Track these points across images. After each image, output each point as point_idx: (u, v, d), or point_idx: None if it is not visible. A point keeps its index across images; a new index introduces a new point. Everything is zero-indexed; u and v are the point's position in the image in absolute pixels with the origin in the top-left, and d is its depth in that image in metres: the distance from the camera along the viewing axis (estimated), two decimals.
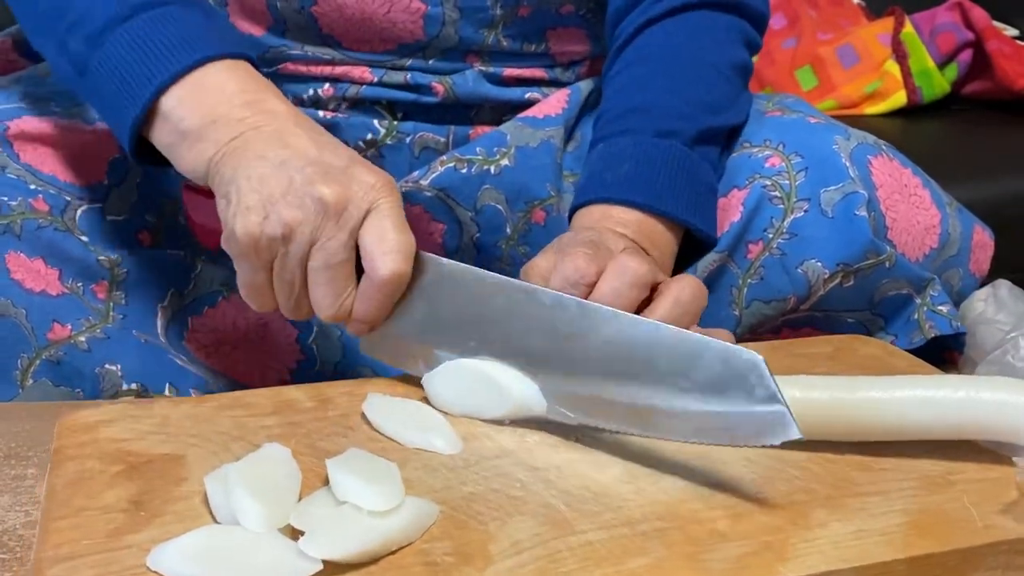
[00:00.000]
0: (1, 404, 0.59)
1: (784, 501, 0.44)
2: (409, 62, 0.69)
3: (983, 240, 0.73)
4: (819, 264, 0.64)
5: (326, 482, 0.42)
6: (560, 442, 0.49)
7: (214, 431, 0.48)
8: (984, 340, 0.68)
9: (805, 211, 0.64)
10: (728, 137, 0.68)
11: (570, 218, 0.64)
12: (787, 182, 0.64)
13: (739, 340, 0.65)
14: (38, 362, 0.60)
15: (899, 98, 1.48)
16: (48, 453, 0.47)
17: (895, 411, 0.48)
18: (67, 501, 0.42)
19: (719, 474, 0.46)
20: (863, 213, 0.63)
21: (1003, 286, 0.72)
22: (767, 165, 0.66)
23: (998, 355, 0.64)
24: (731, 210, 0.66)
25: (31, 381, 0.60)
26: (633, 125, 0.64)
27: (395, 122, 0.70)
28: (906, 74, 1.49)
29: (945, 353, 0.71)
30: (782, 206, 0.64)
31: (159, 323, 0.64)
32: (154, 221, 0.67)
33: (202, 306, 0.66)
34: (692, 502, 0.44)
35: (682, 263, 0.65)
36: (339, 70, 0.70)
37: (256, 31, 0.70)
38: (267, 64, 0.70)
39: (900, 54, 1.49)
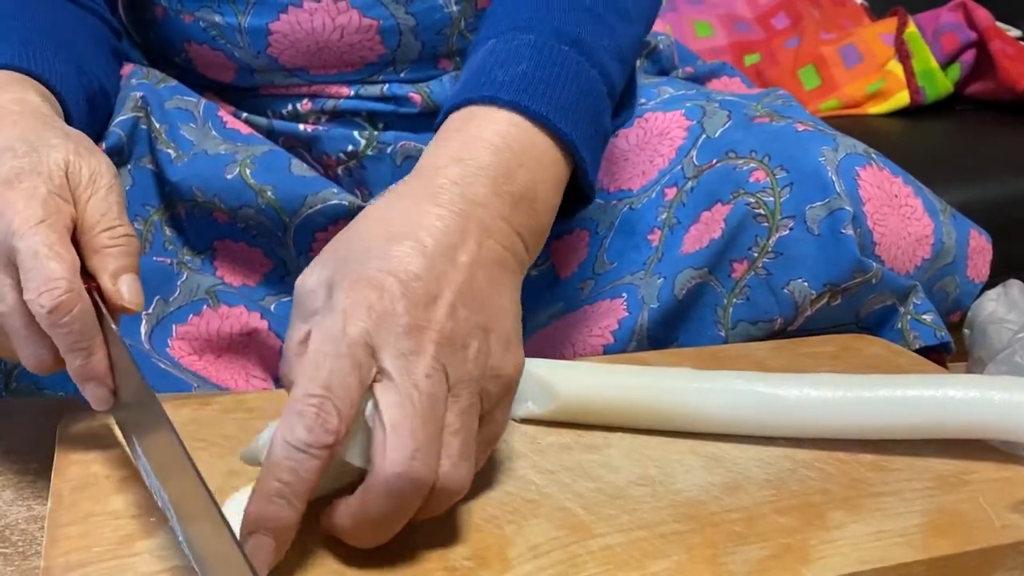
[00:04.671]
0: (2, 400, 0.59)
1: (800, 502, 0.44)
2: (381, 77, 0.69)
3: (980, 245, 0.72)
4: (805, 284, 0.63)
5: None
6: (573, 443, 0.49)
7: (219, 435, 0.48)
8: (994, 340, 0.68)
9: (790, 229, 0.62)
10: (632, 60, 0.60)
11: (438, 127, 0.51)
12: (771, 199, 0.63)
13: None
14: (21, 366, 0.60)
15: (902, 98, 1.49)
16: (50, 448, 0.47)
17: (908, 410, 0.48)
18: (74, 506, 0.42)
19: (733, 475, 0.46)
20: (849, 231, 0.62)
21: (1014, 286, 0.71)
22: (751, 180, 0.64)
23: (1007, 355, 0.64)
24: (712, 225, 0.65)
25: (15, 384, 0.60)
26: (535, 23, 0.54)
27: (376, 133, 0.70)
28: (909, 74, 1.49)
29: (931, 355, 0.70)
30: (766, 224, 0.63)
31: (143, 329, 0.64)
32: (142, 228, 0.66)
33: (187, 314, 0.65)
34: (708, 504, 0.44)
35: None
36: (315, 88, 0.70)
37: (225, 78, 0.71)
38: (244, 90, 0.71)
39: (903, 54, 1.50)
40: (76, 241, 0.45)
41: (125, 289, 0.45)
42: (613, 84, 0.55)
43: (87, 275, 0.45)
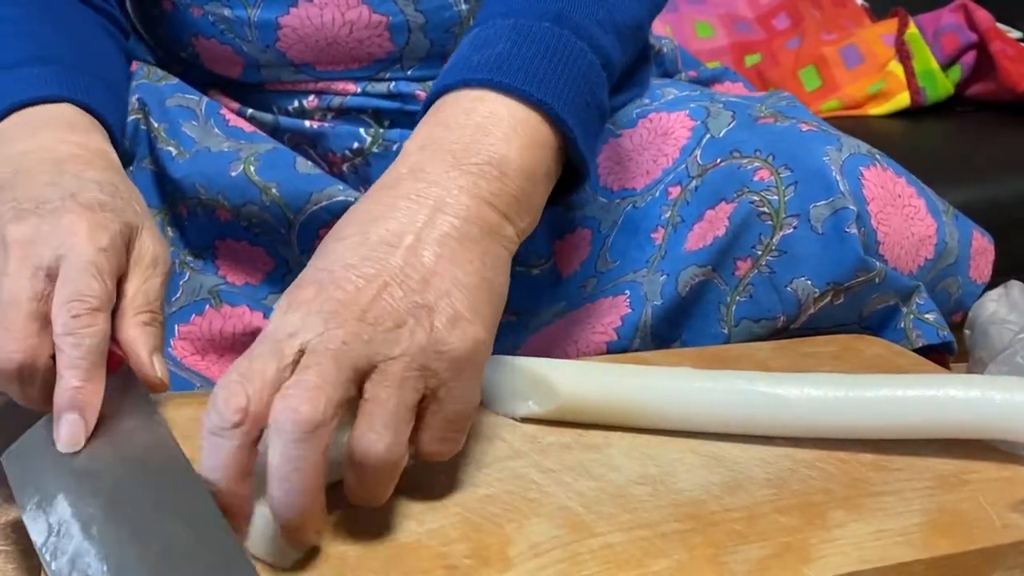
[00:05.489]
0: (2, 396, 0.58)
1: (800, 501, 0.44)
2: (388, 74, 0.69)
3: (983, 246, 0.72)
4: (809, 283, 0.63)
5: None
6: (574, 442, 0.49)
7: None
8: (995, 340, 0.68)
9: (794, 227, 0.63)
10: (634, 37, 0.58)
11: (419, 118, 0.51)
12: (775, 197, 0.63)
13: None
14: None
15: (903, 99, 1.49)
16: None
17: (909, 410, 0.48)
18: None
19: (733, 474, 0.46)
20: (853, 230, 0.62)
21: (1015, 287, 0.71)
22: (755, 178, 0.64)
23: (1008, 355, 0.64)
24: (716, 223, 0.65)
25: None
26: (516, 8, 0.53)
27: (381, 130, 0.70)
28: (910, 75, 1.49)
29: (934, 356, 0.70)
30: (770, 223, 0.63)
31: None
32: None
33: (189, 314, 0.65)
34: (708, 503, 0.44)
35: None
36: (321, 84, 0.70)
37: (232, 73, 0.70)
38: (250, 86, 0.71)
39: (904, 55, 1.50)
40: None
41: (159, 367, 0.46)
42: (609, 58, 0.54)
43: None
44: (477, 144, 0.46)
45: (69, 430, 0.42)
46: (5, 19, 0.60)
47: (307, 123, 0.70)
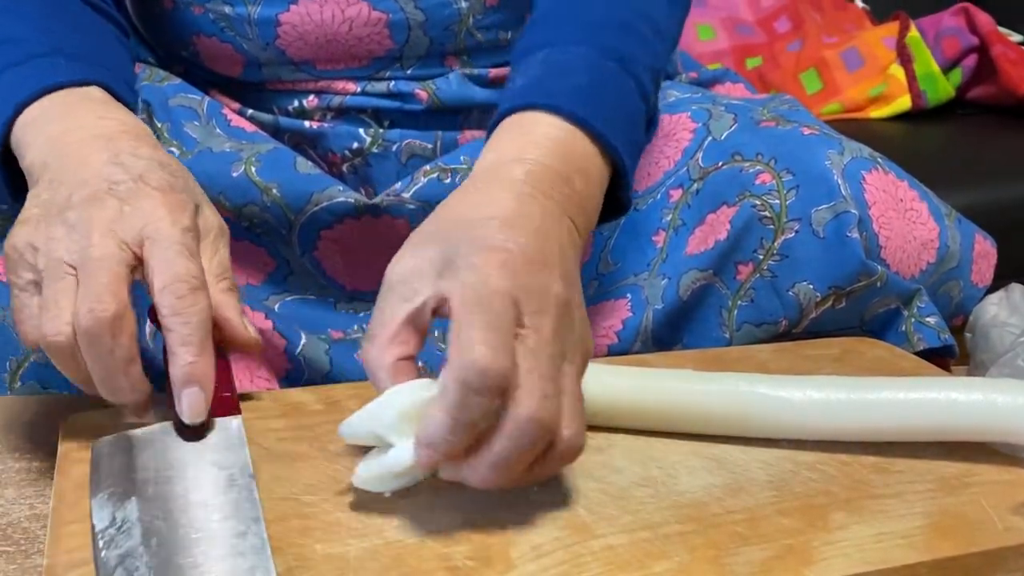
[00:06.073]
0: (4, 397, 0.58)
1: (802, 503, 0.44)
2: (388, 73, 0.69)
3: (985, 249, 0.72)
4: (811, 287, 0.63)
5: (337, 482, 0.43)
6: None
7: None
8: (996, 343, 0.68)
9: (796, 231, 0.63)
10: (663, 69, 0.64)
11: (490, 133, 0.54)
12: (777, 201, 0.63)
13: None
14: (27, 364, 0.59)
15: (904, 102, 1.49)
16: (53, 446, 0.47)
17: (910, 412, 0.48)
18: (77, 505, 0.42)
19: (735, 476, 0.46)
20: (855, 235, 0.62)
21: (1016, 289, 0.71)
22: (757, 182, 0.64)
23: (1009, 358, 0.64)
24: (718, 226, 0.65)
25: (19, 384, 0.59)
26: (586, 36, 0.58)
27: (381, 130, 0.70)
28: (911, 78, 1.49)
29: (935, 360, 0.70)
30: (772, 227, 0.63)
31: (147, 329, 0.64)
32: None
33: None
34: (710, 505, 0.44)
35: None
36: (322, 83, 0.70)
37: (232, 72, 0.71)
38: (251, 85, 0.71)
39: (905, 58, 1.50)
40: None
41: (250, 327, 0.49)
42: (648, 98, 0.59)
43: None
44: (571, 178, 0.51)
45: (190, 402, 0.44)
46: (25, 16, 0.60)
47: (307, 123, 0.70)
